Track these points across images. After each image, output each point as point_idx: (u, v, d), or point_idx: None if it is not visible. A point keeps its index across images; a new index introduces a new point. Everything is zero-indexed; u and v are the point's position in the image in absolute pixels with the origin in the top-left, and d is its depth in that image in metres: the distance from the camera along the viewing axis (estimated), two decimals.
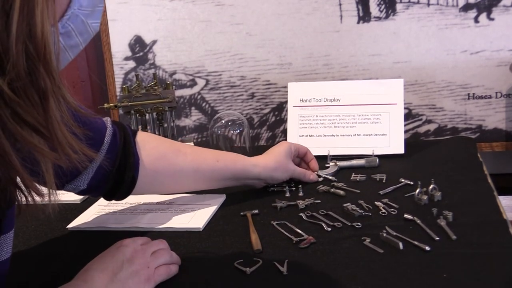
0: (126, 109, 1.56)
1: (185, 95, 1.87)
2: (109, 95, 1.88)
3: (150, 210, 1.28)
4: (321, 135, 1.57)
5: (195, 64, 1.84)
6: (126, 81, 1.87)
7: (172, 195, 1.35)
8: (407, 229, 1.08)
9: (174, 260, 1.01)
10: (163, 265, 0.98)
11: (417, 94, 1.76)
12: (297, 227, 1.13)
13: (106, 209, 1.31)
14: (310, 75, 1.79)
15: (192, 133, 1.90)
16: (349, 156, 1.50)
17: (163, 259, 0.99)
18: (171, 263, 1.00)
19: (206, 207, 1.27)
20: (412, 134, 1.78)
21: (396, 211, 1.17)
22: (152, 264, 0.96)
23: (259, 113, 1.85)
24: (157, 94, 1.56)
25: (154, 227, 1.19)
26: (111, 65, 1.87)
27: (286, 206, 1.24)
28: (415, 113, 1.77)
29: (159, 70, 1.86)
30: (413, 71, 1.74)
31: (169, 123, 1.60)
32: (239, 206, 1.27)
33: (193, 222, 1.20)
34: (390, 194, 1.26)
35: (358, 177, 1.38)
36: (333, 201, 1.26)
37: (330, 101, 1.59)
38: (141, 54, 1.86)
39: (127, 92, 1.57)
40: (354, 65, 1.77)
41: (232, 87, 1.85)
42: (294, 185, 1.34)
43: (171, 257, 1.01)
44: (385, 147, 1.52)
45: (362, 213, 1.17)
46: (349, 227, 1.12)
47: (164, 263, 0.99)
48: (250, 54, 1.81)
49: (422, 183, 1.23)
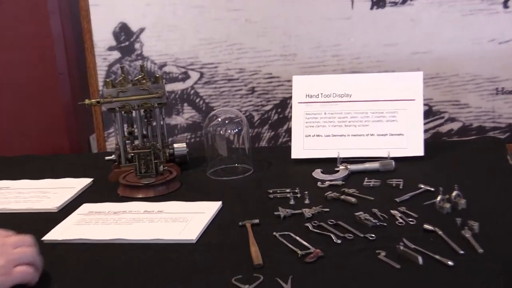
0: (109, 106, 1.56)
1: (176, 90, 1.87)
2: (91, 90, 1.88)
3: (136, 220, 1.28)
4: (329, 135, 1.57)
5: (188, 55, 1.84)
6: (109, 74, 1.87)
7: (161, 202, 1.35)
8: (428, 242, 1.08)
9: (37, 264, 1.01)
10: (24, 265, 0.99)
11: (439, 89, 1.76)
12: (303, 238, 1.13)
13: (87, 219, 1.31)
14: (317, 68, 1.79)
15: (185, 133, 1.89)
16: (362, 159, 1.50)
17: (25, 257, 0.99)
18: (32, 265, 1.00)
19: (200, 216, 1.26)
20: (432, 134, 1.77)
21: (414, 221, 1.17)
22: (11, 259, 0.97)
23: (260, 110, 1.85)
24: (145, 89, 1.56)
25: (141, 239, 1.19)
26: (92, 55, 1.86)
27: (290, 215, 1.24)
28: (436, 110, 1.77)
29: (147, 62, 1.86)
30: (434, 63, 1.74)
31: (158, 121, 1.60)
32: (237, 215, 1.26)
33: (185, 233, 1.20)
34: (408, 202, 1.26)
35: (372, 183, 1.38)
36: (344, 209, 1.25)
37: (340, 96, 1.59)
38: (126, 43, 1.86)
39: (111, 87, 1.57)
40: (367, 56, 1.76)
41: (229, 80, 1.85)
42: (299, 191, 1.34)
43: (34, 259, 1.01)
44: (402, 149, 1.52)
45: (376, 223, 1.16)
46: (361, 239, 1.12)
47: (27, 263, 0.99)
48: (250, 44, 1.81)
49: (444, 189, 1.22)
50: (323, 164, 1.49)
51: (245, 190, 1.42)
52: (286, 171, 1.53)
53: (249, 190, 1.41)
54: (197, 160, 1.60)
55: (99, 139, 1.92)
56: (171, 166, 1.54)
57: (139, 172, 1.47)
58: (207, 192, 1.42)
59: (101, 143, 1.92)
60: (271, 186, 1.39)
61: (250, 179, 1.50)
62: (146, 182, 1.43)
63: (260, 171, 1.53)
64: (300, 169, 1.52)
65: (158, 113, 1.60)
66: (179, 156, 1.59)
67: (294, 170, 1.53)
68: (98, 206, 1.37)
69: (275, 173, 1.52)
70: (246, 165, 1.54)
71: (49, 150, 1.87)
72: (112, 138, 1.87)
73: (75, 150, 1.92)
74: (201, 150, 1.59)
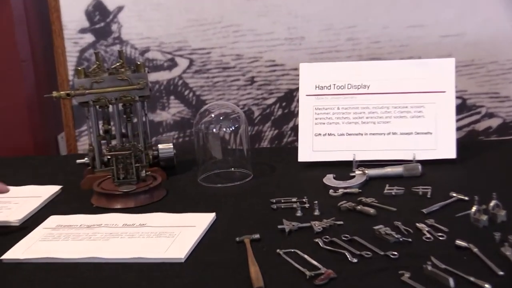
0: (82, 99, 1.57)
1: (161, 80, 1.87)
2: (59, 79, 1.88)
3: (114, 235, 1.28)
4: (343, 133, 1.58)
5: (175, 38, 1.84)
6: (82, 61, 1.87)
7: (144, 214, 1.36)
8: (460, 260, 1.08)
9: None
10: None
11: (474, 79, 1.76)
12: (312, 257, 1.13)
13: (55, 234, 1.31)
14: (329, 54, 1.79)
15: (171, 131, 1.90)
16: (382, 162, 1.51)
17: None
18: None
19: (189, 230, 1.27)
20: (467, 132, 1.78)
21: (445, 236, 1.17)
22: None
23: (261, 105, 1.86)
24: (124, 79, 1.57)
25: (120, 258, 1.19)
26: (61, 39, 1.87)
27: (297, 229, 1.24)
28: (471, 104, 1.77)
29: (126, 47, 1.86)
30: (468, 48, 1.74)
31: (140, 117, 1.60)
32: (234, 228, 1.27)
33: (172, 250, 1.20)
34: (437, 213, 1.26)
35: (394, 190, 1.38)
36: (360, 222, 1.26)
37: (356, 88, 1.60)
38: (102, 24, 1.86)
39: (84, 76, 1.57)
40: (388, 39, 1.77)
41: (224, 69, 1.85)
42: (307, 200, 1.35)
43: None
44: (430, 150, 1.52)
45: (399, 238, 1.17)
46: (381, 257, 1.12)
47: None
48: (249, 25, 1.81)
49: (480, 198, 1.23)
50: (336, 169, 1.50)
51: (243, 199, 1.43)
52: (292, 176, 1.54)
53: (248, 200, 1.42)
54: (186, 163, 1.61)
55: (69, 138, 1.92)
56: (155, 171, 1.54)
57: (117, 178, 1.47)
58: (198, 201, 1.43)
59: (71, 144, 1.92)
60: (274, 195, 1.40)
61: (249, 186, 1.50)
62: (126, 190, 1.44)
63: (261, 177, 1.54)
64: (309, 175, 1.53)
65: (139, 108, 1.60)
66: (165, 159, 1.59)
67: (302, 176, 1.54)
68: (68, 219, 1.37)
69: (278, 179, 1.52)
70: (245, 169, 1.55)
71: (10, 151, 1.87)
72: (84, 137, 1.87)
73: (40, 151, 1.92)
74: (191, 152, 1.60)
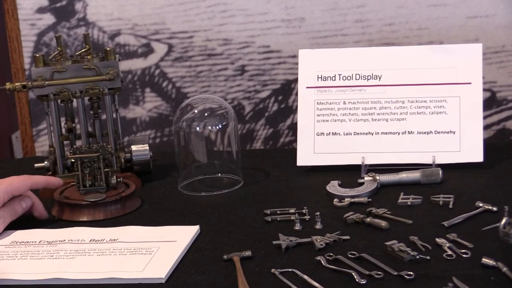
0: (40, 92, 1.56)
1: (135, 70, 1.89)
2: (13, 69, 1.89)
3: (80, 252, 1.29)
4: (350, 133, 1.59)
5: (151, 20, 1.85)
6: (40, 46, 1.88)
7: (115, 227, 1.37)
8: (488, 282, 1.10)
9: None
10: None
11: (505, 68, 1.78)
12: (313, 277, 1.14)
13: (10, 252, 1.31)
14: (333, 38, 1.81)
15: (147, 130, 1.91)
16: (396, 167, 1.52)
17: None
18: None
19: (169, 246, 1.28)
20: (496, 131, 1.80)
21: (469, 253, 1.18)
22: None
23: (254, 98, 1.87)
24: (91, 68, 1.56)
25: (88, 279, 1.20)
26: (15, 20, 1.87)
27: (296, 245, 1.25)
28: (501, 98, 1.79)
29: (93, 29, 1.87)
30: (499, 32, 1.76)
31: (110, 113, 1.59)
32: (221, 244, 1.28)
33: (150, 269, 1.21)
34: (460, 227, 1.28)
35: (410, 200, 1.40)
36: (370, 237, 1.27)
37: (365, 79, 1.60)
38: (63, 3, 1.87)
39: (43, 65, 1.57)
40: (403, 21, 1.78)
41: (210, 56, 1.86)
42: (307, 212, 1.36)
43: None
44: (453, 152, 1.54)
45: (415, 256, 1.18)
46: (394, 278, 1.13)
47: None
48: (239, 4, 1.82)
49: (510, 209, 1.24)
50: (341, 174, 1.51)
51: (232, 210, 1.43)
52: (290, 183, 1.55)
53: (238, 210, 1.43)
54: (164, 168, 1.63)
55: (25, 138, 1.92)
56: (128, 177, 1.55)
57: (83, 186, 1.47)
58: (179, 212, 1.44)
59: (28, 144, 1.92)
60: (268, 205, 1.41)
61: (239, 194, 1.51)
62: (93, 200, 1.45)
63: (253, 184, 1.55)
64: (309, 181, 1.54)
65: (109, 103, 1.60)
66: (140, 163, 1.59)
67: (301, 183, 1.55)
68: (26, 234, 1.38)
69: (274, 187, 1.53)
70: (234, 175, 1.57)
71: None
72: (44, 137, 1.88)
73: None
74: (170, 155, 1.61)
